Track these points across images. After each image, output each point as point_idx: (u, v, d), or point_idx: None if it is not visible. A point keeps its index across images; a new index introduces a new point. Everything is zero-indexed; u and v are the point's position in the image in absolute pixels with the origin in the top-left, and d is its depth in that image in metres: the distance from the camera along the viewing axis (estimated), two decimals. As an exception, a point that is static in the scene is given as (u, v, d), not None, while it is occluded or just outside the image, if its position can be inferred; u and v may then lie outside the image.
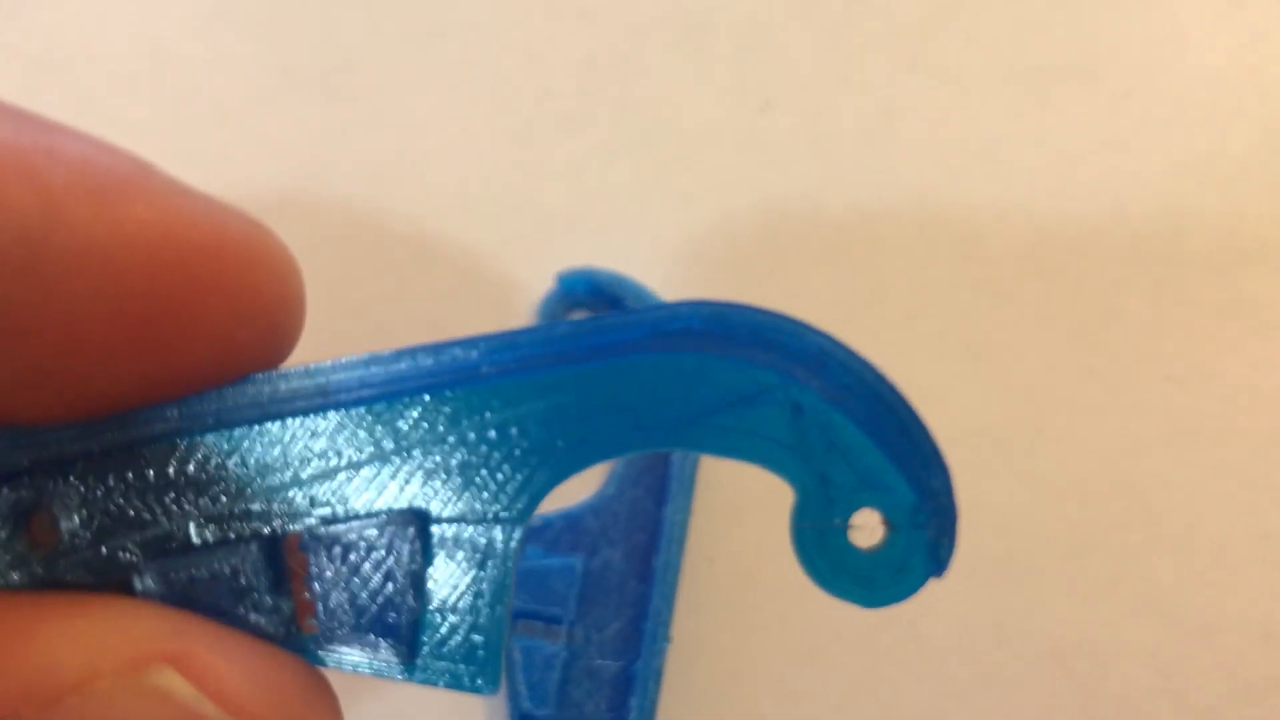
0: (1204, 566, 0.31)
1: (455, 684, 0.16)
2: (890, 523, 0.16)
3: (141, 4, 0.35)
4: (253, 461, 0.15)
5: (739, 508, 0.31)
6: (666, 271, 0.33)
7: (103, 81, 0.35)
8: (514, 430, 0.15)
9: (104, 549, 0.15)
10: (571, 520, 0.30)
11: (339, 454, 0.15)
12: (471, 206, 0.34)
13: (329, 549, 0.15)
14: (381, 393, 0.15)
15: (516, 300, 0.32)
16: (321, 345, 0.17)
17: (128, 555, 0.15)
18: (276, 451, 0.15)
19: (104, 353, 0.14)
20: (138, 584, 0.15)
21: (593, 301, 0.31)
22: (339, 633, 0.16)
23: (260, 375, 0.16)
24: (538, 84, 0.34)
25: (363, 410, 0.15)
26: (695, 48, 0.34)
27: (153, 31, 0.35)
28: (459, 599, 0.16)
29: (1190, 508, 0.31)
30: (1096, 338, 0.32)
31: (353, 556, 0.15)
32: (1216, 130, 0.33)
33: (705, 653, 0.31)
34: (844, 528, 0.16)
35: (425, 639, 0.16)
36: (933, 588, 0.30)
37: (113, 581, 0.15)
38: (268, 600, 0.15)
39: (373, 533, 0.15)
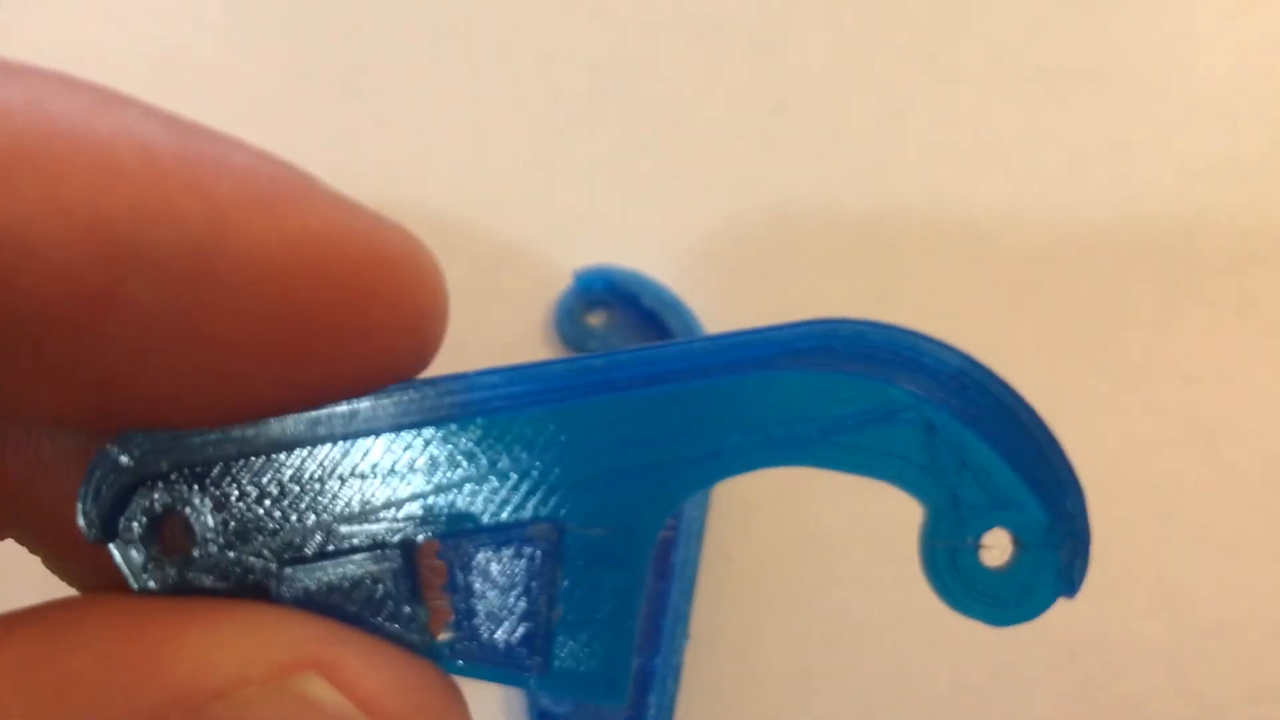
0: (1218, 565, 0.31)
1: (586, 695, 0.16)
2: (1020, 542, 0.16)
3: (155, 6, 0.36)
4: (392, 469, 0.15)
5: (756, 505, 0.31)
6: (680, 270, 0.33)
7: (116, 83, 0.35)
8: (652, 443, 0.15)
9: (240, 554, 0.15)
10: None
11: (479, 463, 0.15)
12: (488, 205, 0.34)
13: (467, 558, 0.16)
14: (524, 401, 0.15)
15: (534, 297, 0.32)
16: None
17: (264, 561, 0.15)
18: (416, 459, 0.15)
19: (263, 359, 0.14)
20: (275, 590, 0.15)
21: (609, 299, 0.31)
22: (474, 642, 0.16)
23: (403, 384, 0.16)
24: (553, 84, 0.35)
25: (503, 419, 0.15)
26: (709, 49, 0.35)
27: (166, 32, 0.35)
28: (592, 609, 0.16)
29: (1205, 506, 0.31)
30: (1110, 337, 0.32)
31: (490, 566, 0.16)
32: (1228, 131, 0.33)
33: (723, 649, 0.31)
34: (975, 547, 0.16)
35: (558, 649, 0.16)
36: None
37: (249, 587, 0.15)
38: (405, 608, 0.15)
39: (511, 541, 0.16)
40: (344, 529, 0.15)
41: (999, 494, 0.15)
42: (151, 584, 0.15)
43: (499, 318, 0.33)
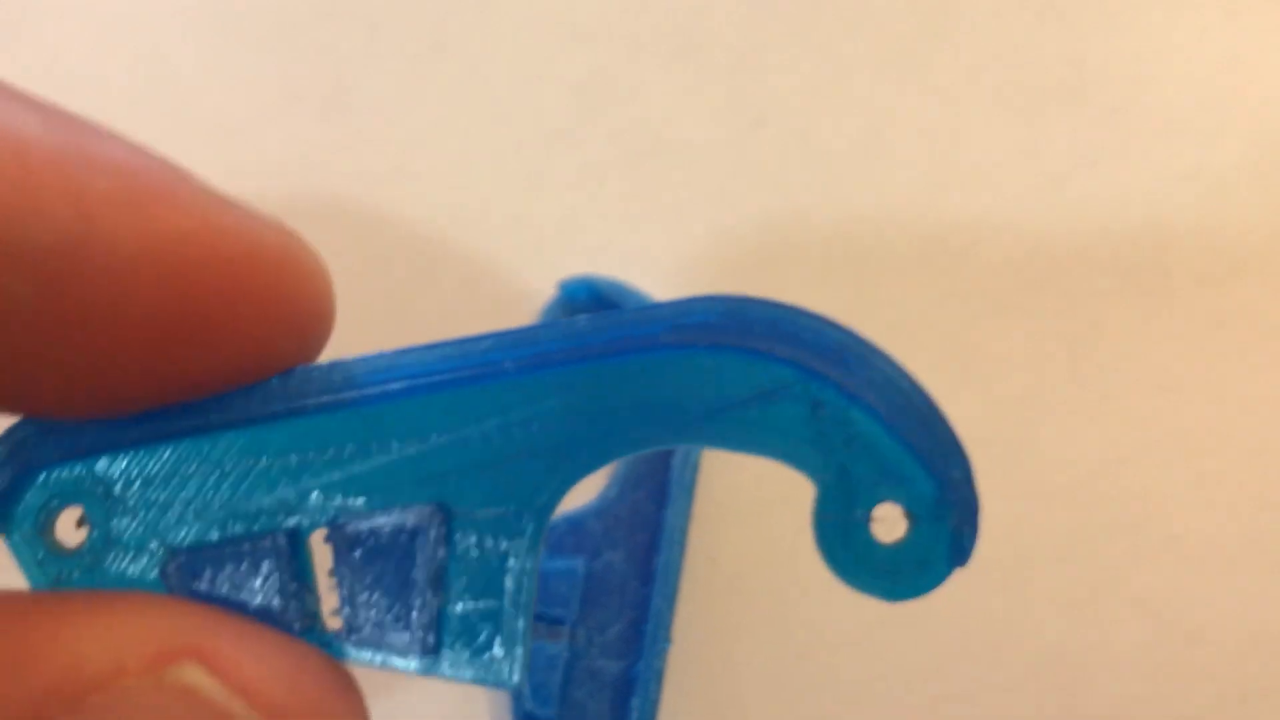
0: (1193, 574, 0.31)
1: (478, 679, 0.16)
2: (912, 515, 0.16)
3: (143, 22, 0.36)
4: (277, 456, 0.16)
5: (740, 510, 0.31)
6: (661, 284, 0.33)
7: (104, 98, 0.35)
8: (535, 425, 0.15)
9: (132, 545, 0.15)
10: (574, 523, 0.30)
11: (363, 449, 0.16)
12: (471, 220, 0.34)
13: (352, 543, 0.16)
14: (404, 388, 0.16)
15: (518, 309, 0.33)
16: (328, 355, 0.17)
17: (156, 551, 0.15)
18: (301, 446, 0.16)
19: (138, 354, 0.14)
20: (165, 580, 0.15)
21: (593, 308, 0.32)
22: (362, 627, 0.16)
23: (285, 372, 0.16)
24: (536, 101, 0.35)
25: (386, 406, 0.16)
26: (689, 66, 0.35)
27: (154, 49, 0.36)
28: (481, 593, 0.16)
29: (1180, 516, 0.32)
30: (1086, 350, 0.33)
31: (376, 550, 0.16)
32: (1204, 144, 0.34)
33: (706, 654, 0.31)
34: (866, 521, 0.16)
35: (448, 633, 0.16)
36: (932, 594, 0.31)
37: (142, 579, 0.16)
38: (292, 595, 0.15)
39: (396, 527, 0.16)
40: (229, 517, 0.15)
41: (886, 466, 0.15)
42: (46, 576, 0.15)
43: (484, 329, 0.33)
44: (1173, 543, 0.31)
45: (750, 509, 0.31)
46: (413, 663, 0.16)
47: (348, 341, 0.33)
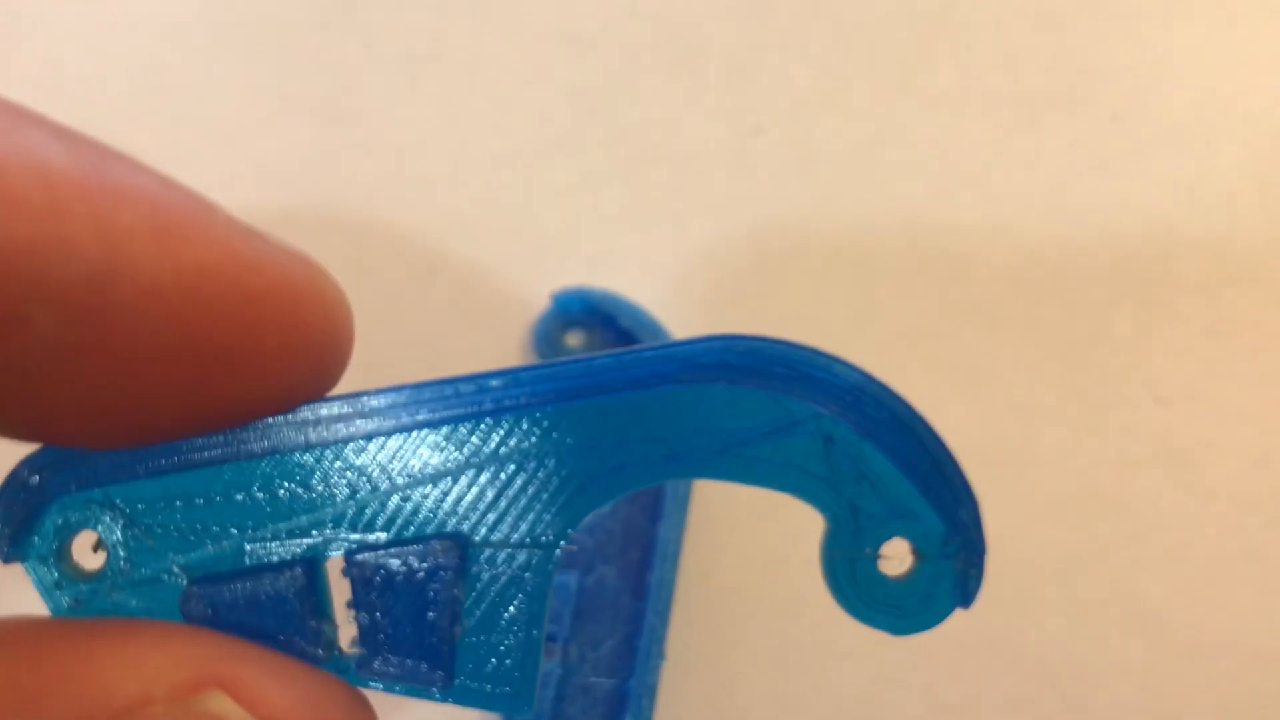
0: (1192, 587, 0.31)
1: (490, 705, 0.16)
2: (919, 552, 0.16)
3: (141, 30, 0.36)
4: (296, 487, 0.16)
5: (733, 525, 0.31)
6: (659, 293, 0.33)
7: (102, 106, 0.35)
8: (552, 459, 0.16)
9: (150, 572, 0.16)
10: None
11: (382, 480, 0.16)
12: (467, 229, 0.34)
13: (370, 572, 0.16)
14: (424, 421, 0.16)
15: (512, 320, 0.33)
16: None
17: (172, 579, 0.16)
18: (319, 477, 0.16)
19: (160, 385, 0.15)
20: (184, 608, 0.16)
21: (587, 320, 0.32)
22: (379, 655, 0.16)
23: (306, 405, 0.16)
24: (532, 109, 0.35)
25: (404, 438, 0.16)
26: (687, 74, 0.35)
27: (151, 57, 0.36)
28: (496, 622, 0.16)
29: (1179, 528, 0.31)
30: (1085, 359, 0.32)
31: (393, 580, 0.16)
32: (1203, 153, 0.33)
33: (699, 670, 0.31)
34: (874, 556, 0.16)
35: (462, 663, 0.16)
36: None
37: (158, 606, 0.16)
38: (311, 623, 0.16)
39: (413, 557, 0.16)
40: (250, 546, 0.16)
41: (896, 504, 0.16)
42: (64, 602, 0.16)
43: (478, 339, 0.33)
44: (1172, 555, 0.31)
45: (744, 524, 0.31)
46: (427, 691, 0.16)
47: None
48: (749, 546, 0.31)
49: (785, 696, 0.31)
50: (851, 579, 0.16)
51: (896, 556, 0.16)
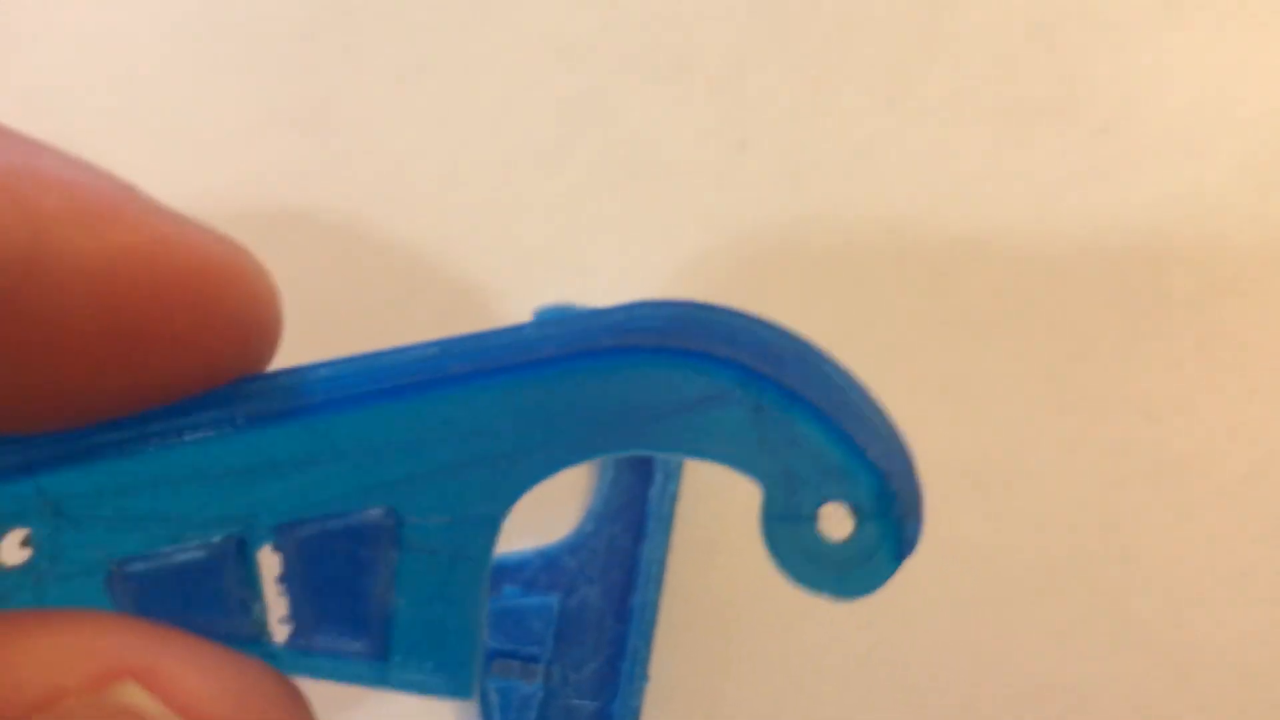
0: (1182, 604, 0.31)
1: (428, 690, 0.16)
2: (857, 511, 0.16)
3: (125, 42, 0.36)
4: (225, 467, 0.15)
5: (717, 547, 0.31)
6: (645, 307, 0.33)
7: (86, 117, 0.35)
8: (484, 433, 0.15)
9: (77, 564, 0.15)
10: (549, 559, 0.29)
11: (311, 457, 0.15)
12: (452, 241, 0.34)
13: (300, 550, 0.15)
14: (352, 395, 0.16)
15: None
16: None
17: (100, 565, 0.15)
18: (248, 455, 0.15)
19: (86, 367, 0.15)
20: (108, 595, 0.15)
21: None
22: (311, 638, 0.16)
23: (233, 383, 0.16)
24: (518, 121, 0.34)
25: (334, 414, 0.16)
26: (673, 86, 0.35)
27: (136, 69, 0.35)
28: (431, 601, 0.16)
29: (1169, 544, 0.31)
30: (1074, 372, 0.32)
31: (324, 558, 0.15)
32: (1194, 165, 0.33)
33: (683, 692, 0.30)
34: (813, 520, 0.16)
35: (397, 641, 0.16)
36: (914, 625, 0.30)
37: (87, 598, 0.15)
38: (239, 605, 0.15)
39: (345, 533, 0.15)
40: (178, 529, 0.15)
41: (828, 465, 0.16)
42: None
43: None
44: (1161, 571, 0.31)
45: (728, 545, 0.31)
46: (363, 672, 0.16)
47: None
48: (733, 568, 0.31)
49: (770, 718, 0.30)
50: (793, 544, 0.16)
51: (836, 519, 0.16)
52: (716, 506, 0.31)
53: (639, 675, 0.29)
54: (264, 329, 0.16)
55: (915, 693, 0.30)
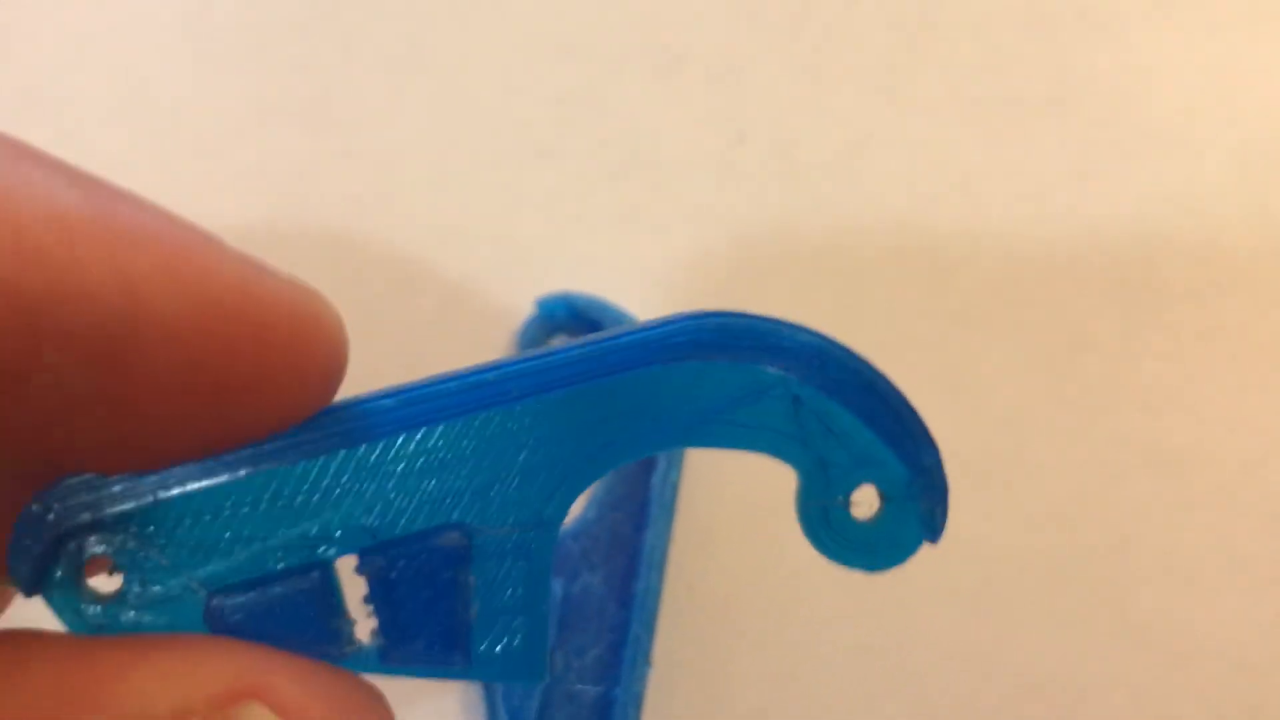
0: (1181, 595, 0.31)
1: (508, 677, 0.17)
2: (885, 495, 0.17)
3: (122, 39, 0.36)
4: (302, 494, 0.16)
5: (719, 534, 0.31)
6: (644, 298, 0.33)
7: (84, 115, 0.35)
8: (544, 444, 0.16)
9: (166, 590, 0.16)
10: (551, 545, 0.29)
11: (383, 479, 0.16)
12: (451, 235, 0.34)
13: (383, 570, 0.16)
14: (417, 419, 0.16)
15: (496, 326, 0.32)
16: None
17: (191, 594, 0.16)
18: (323, 483, 0.16)
19: (174, 414, 0.15)
20: (208, 621, 0.16)
21: (572, 325, 0.31)
22: (398, 648, 0.17)
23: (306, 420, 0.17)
24: (516, 115, 0.35)
25: (400, 438, 0.16)
26: (671, 81, 0.35)
27: (133, 66, 0.35)
28: (506, 602, 0.17)
29: (1167, 536, 0.31)
30: (1072, 366, 0.32)
31: (406, 575, 0.16)
32: (1189, 158, 0.33)
33: (685, 678, 0.30)
34: (845, 504, 0.17)
35: (478, 642, 0.17)
36: (915, 616, 0.30)
37: (179, 621, 0.16)
38: (330, 623, 0.16)
39: (422, 549, 0.16)
40: (264, 556, 0.16)
41: (862, 454, 0.17)
42: (87, 626, 0.16)
43: (463, 345, 0.33)
44: (1160, 562, 0.31)
45: (730, 532, 0.31)
46: (449, 671, 0.17)
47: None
48: (735, 554, 0.31)
49: (771, 705, 0.30)
50: (826, 526, 0.17)
51: (865, 501, 0.17)
52: (719, 494, 0.31)
53: (641, 661, 0.29)
54: (336, 367, 0.17)
55: (916, 681, 0.31)
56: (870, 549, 0.17)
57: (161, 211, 0.15)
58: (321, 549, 0.16)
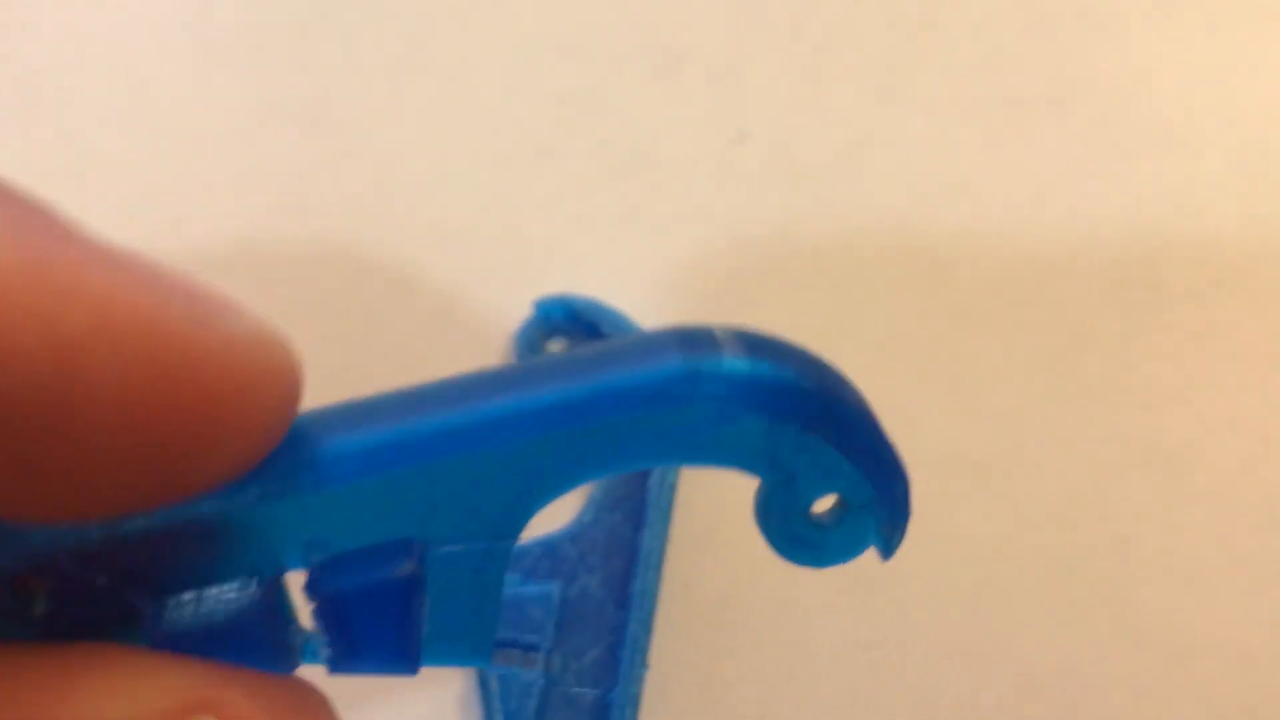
0: (1179, 593, 0.31)
1: (453, 664, 0.17)
2: (846, 502, 0.17)
3: (121, 39, 0.36)
4: (254, 524, 0.16)
5: (716, 534, 0.31)
6: (642, 301, 0.33)
7: (83, 115, 0.35)
8: (505, 460, 0.16)
9: (109, 599, 0.15)
10: (549, 548, 0.30)
11: (335, 493, 0.16)
12: (450, 237, 0.34)
13: (332, 585, 0.16)
14: (371, 436, 0.16)
15: (494, 328, 0.32)
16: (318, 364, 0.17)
17: (135, 604, 0.15)
18: (275, 510, 0.16)
19: (108, 476, 0.14)
20: (147, 633, 0.15)
21: (570, 328, 0.31)
22: (348, 659, 0.16)
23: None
24: (515, 116, 0.35)
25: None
26: (671, 81, 0.35)
27: (132, 66, 0.35)
28: (456, 613, 0.16)
29: (1166, 534, 0.31)
30: (1071, 365, 0.32)
31: (354, 588, 0.16)
32: (1188, 158, 0.33)
33: (683, 679, 0.30)
34: (806, 511, 0.17)
35: (428, 649, 0.16)
36: (913, 615, 0.30)
37: (120, 632, 0.16)
38: (278, 636, 0.16)
39: (371, 563, 0.16)
40: (211, 567, 0.16)
41: (832, 473, 0.17)
42: (18, 635, 0.15)
43: (460, 346, 0.33)
44: (1159, 560, 0.31)
45: (728, 533, 0.31)
46: (397, 673, 0.17)
47: (326, 359, 0.32)
48: (733, 555, 0.31)
49: (769, 706, 0.30)
50: (785, 532, 0.17)
51: (824, 503, 0.17)
52: (716, 495, 0.31)
53: (639, 663, 0.29)
54: (291, 414, 0.16)
55: (914, 680, 0.31)
56: (821, 549, 0.17)
57: (104, 251, 0.13)
58: (269, 564, 0.16)
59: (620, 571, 0.29)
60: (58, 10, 0.36)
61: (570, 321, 0.31)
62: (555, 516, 0.30)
